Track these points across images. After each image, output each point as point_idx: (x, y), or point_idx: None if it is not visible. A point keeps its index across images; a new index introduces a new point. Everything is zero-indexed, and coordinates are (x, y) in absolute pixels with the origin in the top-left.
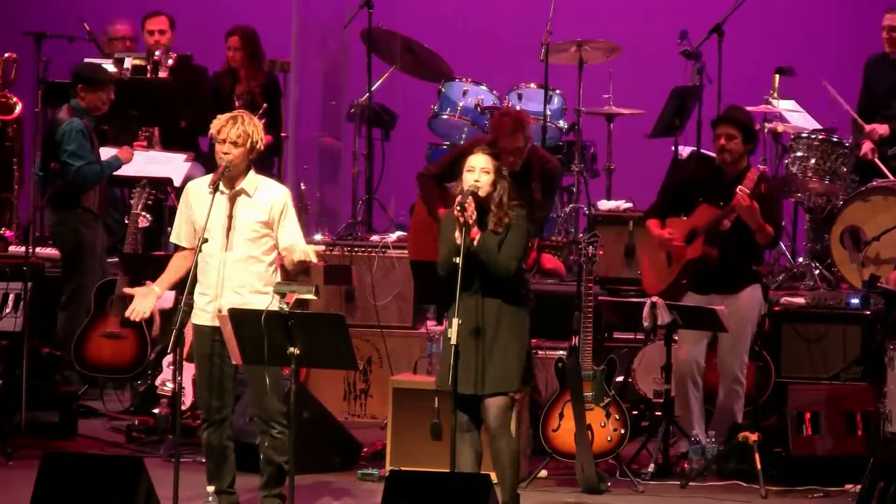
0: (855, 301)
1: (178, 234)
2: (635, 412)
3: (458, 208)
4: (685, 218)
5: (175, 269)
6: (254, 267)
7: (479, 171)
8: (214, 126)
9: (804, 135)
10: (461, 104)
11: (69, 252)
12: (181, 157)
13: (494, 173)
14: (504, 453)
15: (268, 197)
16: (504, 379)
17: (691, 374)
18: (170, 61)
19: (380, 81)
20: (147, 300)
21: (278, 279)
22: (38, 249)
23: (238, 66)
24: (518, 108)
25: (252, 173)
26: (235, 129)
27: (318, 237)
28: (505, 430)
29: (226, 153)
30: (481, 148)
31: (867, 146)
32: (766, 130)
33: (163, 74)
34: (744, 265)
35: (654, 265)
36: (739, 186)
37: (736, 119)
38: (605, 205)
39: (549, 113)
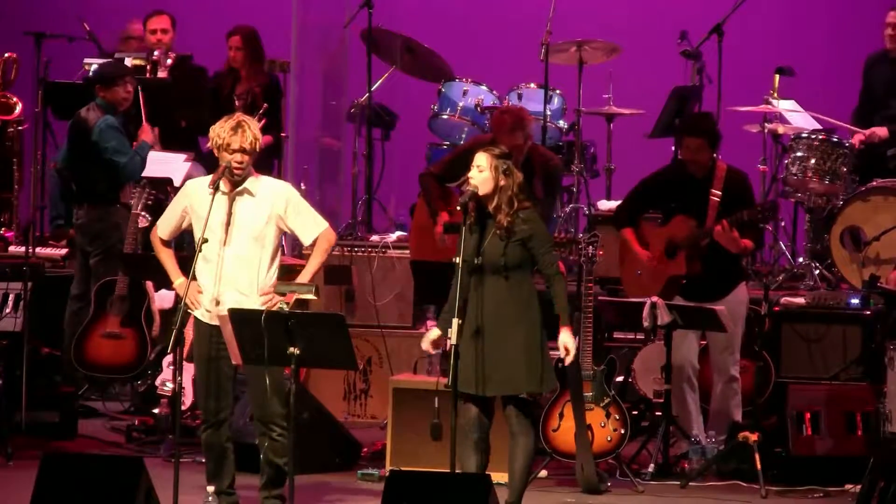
0: (855, 301)
1: (166, 228)
2: (635, 412)
3: (460, 208)
4: (660, 224)
5: (171, 256)
6: (259, 266)
7: (474, 168)
8: (220, 138)
9: (804, 135)
10: (461, 104)
11: (110, 248)
12: (181, 157)
13: (492, 170)
14: (519, 453)
15: (269, 195)
16: (509, 381)
17: (686, 375)
18: (168, 61)
19: (380, 81)
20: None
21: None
22: (38, 249)
23: (239, 66)
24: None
25: (252, 174)
26: (246, 138)
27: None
28: (525, 430)
29: (239, 163)
30: (486, 147)
31: (857, 137)
32: (766, 131)
33: (162, 74)
34: (728, 271)
35: (636, 276)
36: (712, 190)
37: (702, 129)
38: (605, 205)
39: (549, 113)
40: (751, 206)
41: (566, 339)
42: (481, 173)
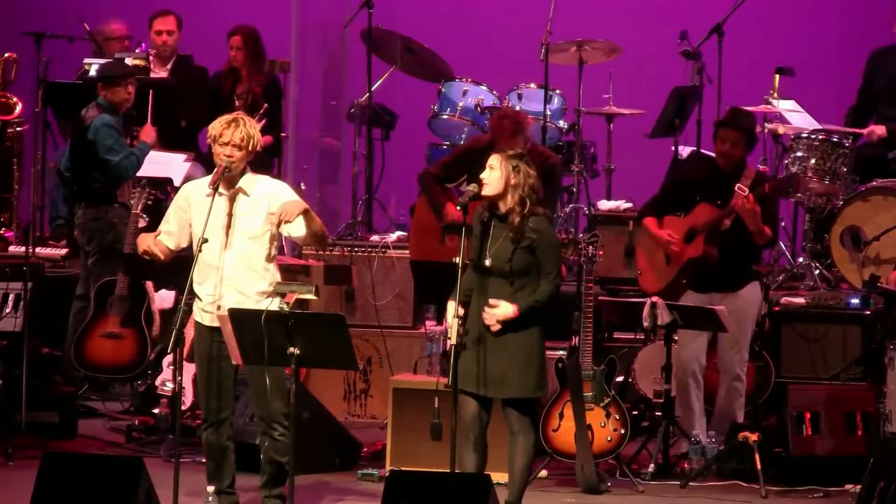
0: (855, 301)
1: (166, 224)
2: (635, 412)
3: (460, 208)
4: (682, 217)
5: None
6: (257, 266)
7: (487, 168)
8: (214, 129)
9: (804, 135)
10: (461, 104)
11: (105, 247)
12: (181, 157)
13: (502, 169)
14: (519, 453)
15: (264, 194)
16: (505, 384)
17: (693, 373)
18: (151, 56)
19: (380, 81)
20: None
21: (279, 279)
22: (38, 249)
23: (240, 65)
24: (518, 108)
25: (249, 173)
26: (238, 133)
27: None
28: (525, 429)
29: (228, 156)
30: (502, 151)
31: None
32: (766, 131)
33: (158, 74)
34: (743, 264)
35: (653, 264)
36: (738, 185)
37: (742, 126)
38: (605, 205)
39: (549, 113)
40: (775, 207)
41: (505, 310)
42: (493, 172)
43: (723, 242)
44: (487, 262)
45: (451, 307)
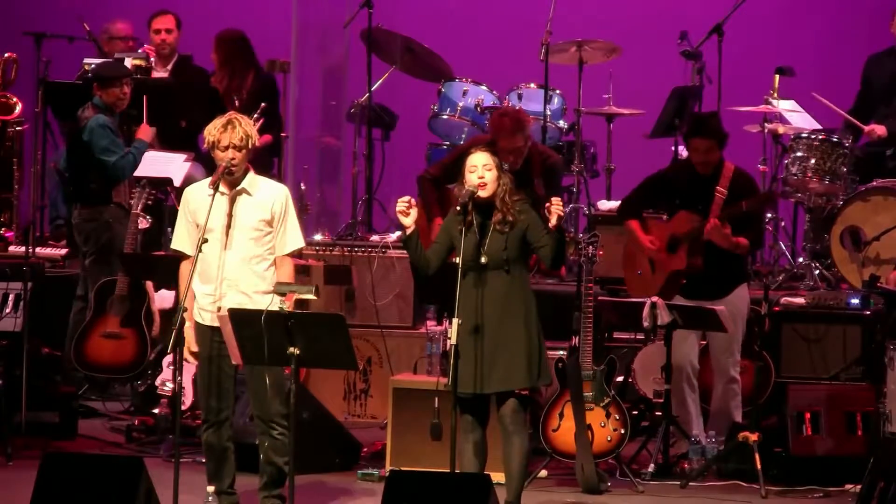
0: (855, 301)
1: (182, 240)
2: (635, 412)
3: (460, 210)
4: (664, 220)
5: (186, 279)
6: (258, 266)
7: (481, 168)
8: (211, 135)
9: (804, 135)
10: (461, 104)
11: (101, 247)
12: (181, 157)
13: (497, 169)
14: (515, 453)
15: (269, 196)
16: (510, 377)
17: (686, 375)
18: (151, 57)
19: (380, 81)
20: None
21: (279, 279)
22: (38, 249)
23: (217, 69)
24: (518, 108)
25: (251, 173)
26: (236, 134)
27: (317, 237)
28: (519, 429)
29: (232, 159)
30: (479, 147)
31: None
32: (766, 131)
33: (158, 74)
34: (730, 270)
35: (639, 271)
36: (717, 187)
37: (712, 131)
38: (605, 205)
39: (549, 113)
40: (757, 216)
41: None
42: (491, 172)
43: (708, 251)
44: (483, 260)
45: (455, 324)
